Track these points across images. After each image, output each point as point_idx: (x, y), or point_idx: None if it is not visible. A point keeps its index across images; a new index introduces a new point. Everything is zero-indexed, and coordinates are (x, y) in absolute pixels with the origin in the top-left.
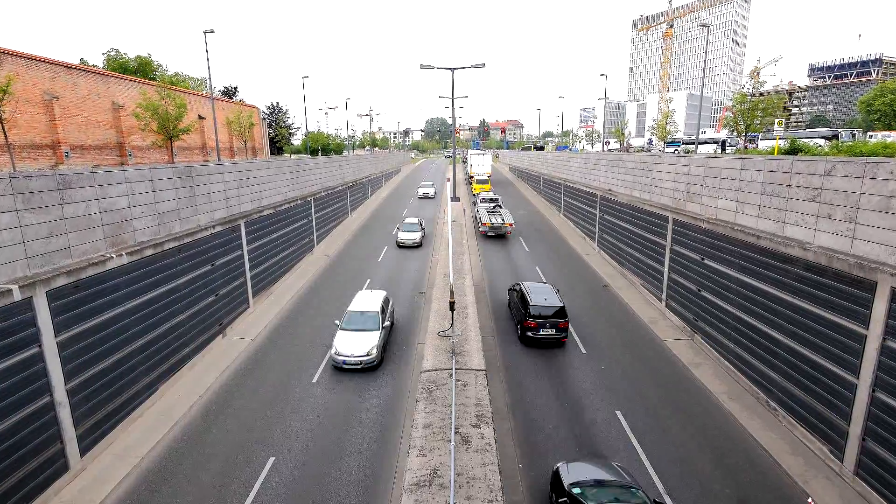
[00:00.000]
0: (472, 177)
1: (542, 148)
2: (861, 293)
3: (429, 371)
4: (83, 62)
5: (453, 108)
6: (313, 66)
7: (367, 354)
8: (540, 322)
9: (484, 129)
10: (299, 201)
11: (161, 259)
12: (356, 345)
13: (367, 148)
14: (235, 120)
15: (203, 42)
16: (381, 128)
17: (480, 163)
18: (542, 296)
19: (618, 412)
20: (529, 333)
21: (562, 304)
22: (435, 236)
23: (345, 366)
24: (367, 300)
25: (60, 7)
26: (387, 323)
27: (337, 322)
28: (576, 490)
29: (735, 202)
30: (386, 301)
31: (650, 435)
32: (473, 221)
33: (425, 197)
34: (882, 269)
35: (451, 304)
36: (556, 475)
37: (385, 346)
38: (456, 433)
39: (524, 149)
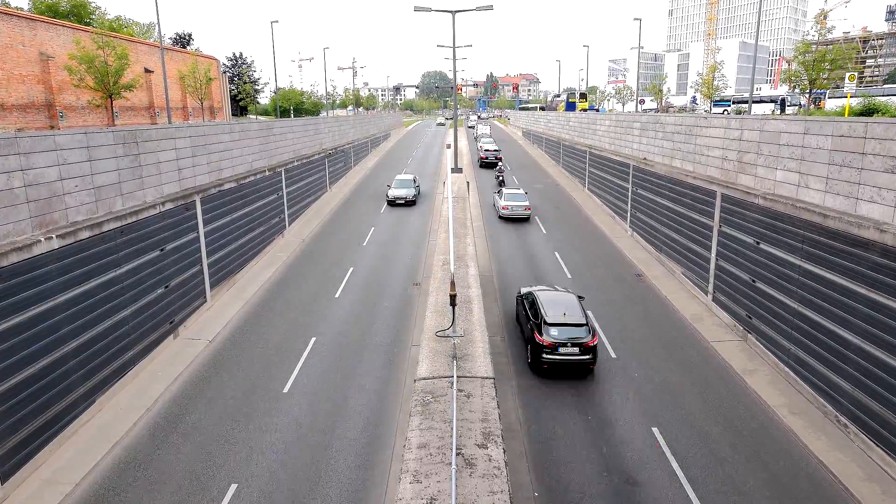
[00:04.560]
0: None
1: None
2: None
3: (425, 379)
4: (5, 4)
5: (454, 59)
6: (284, 10)
7: None
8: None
9: (492, 86)
10: (268, 172)
11: (99, 243)
12: None
13: (350, 108)
14: (190, 74)
15: None
16: (366, 83)
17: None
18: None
19: (655, 429)
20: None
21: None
22: (433, 213)
23: None
24: None
25: None
26: None
27: None
28: None
29: (797, 174)
30: None
31: (694, 457)
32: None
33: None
34: None
35: (452, 298)
36: None
37: None
38: (458, 455)
39: (570, 101)
